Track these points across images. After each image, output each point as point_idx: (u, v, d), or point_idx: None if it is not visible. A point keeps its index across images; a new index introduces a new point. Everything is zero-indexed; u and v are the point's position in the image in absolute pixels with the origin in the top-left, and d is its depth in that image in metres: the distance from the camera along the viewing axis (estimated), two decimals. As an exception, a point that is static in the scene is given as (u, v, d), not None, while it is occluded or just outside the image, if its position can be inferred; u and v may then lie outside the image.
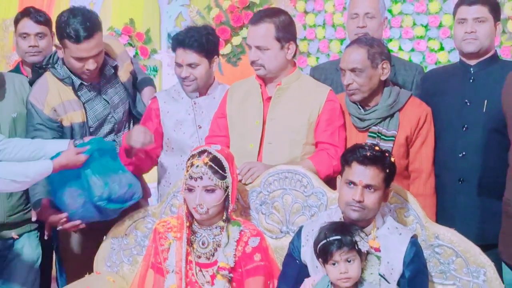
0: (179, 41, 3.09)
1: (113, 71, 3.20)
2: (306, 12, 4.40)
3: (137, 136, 2.89)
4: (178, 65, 3.12)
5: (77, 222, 2.84)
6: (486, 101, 2.88)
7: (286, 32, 2.86)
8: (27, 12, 3.34)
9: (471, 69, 2.96)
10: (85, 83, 3.11)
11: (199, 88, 3.14)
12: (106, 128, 3.18)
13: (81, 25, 2.92)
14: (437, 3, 4.10)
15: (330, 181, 2.73)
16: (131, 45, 4.60)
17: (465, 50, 2.96)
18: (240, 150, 2.87)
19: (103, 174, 2.78)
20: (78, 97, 3.10)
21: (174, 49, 3.16)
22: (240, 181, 2.75)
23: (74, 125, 3.08)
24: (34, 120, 3.02)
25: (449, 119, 2.95)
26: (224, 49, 4.32)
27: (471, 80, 2.95)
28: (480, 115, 2.90)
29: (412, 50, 4.19)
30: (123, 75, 3.26)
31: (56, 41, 3.09)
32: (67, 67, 3.08)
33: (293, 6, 4.34)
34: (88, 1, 4.79)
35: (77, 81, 3.09)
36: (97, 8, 4.73)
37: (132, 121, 3.32)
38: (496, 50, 3.05)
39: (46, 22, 3.35)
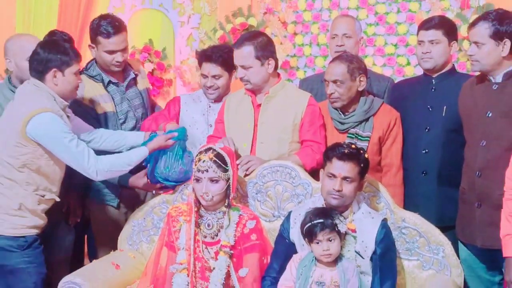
0: (207, 56, 3.14)
1: (133, 76, 3.24)
2: (295, 34, 4.38)
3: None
4: (204, 76, 3.16)
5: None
6: (445, 106, 2.87)
7: (264, 51, 2.84)
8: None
9: (433, 80, 2.95)
10: (113, 80, 3.15)
11: (220, 96, 3.16)
12: (130, 123, 3.20)
13: (110, 24, 3.04)
14: (405, 26, 4.09)
15: (315, 174, 2.71)
16: (150, 61, 4.58)
17: (422, 67, 2.97)
18: (236, 149, 2.86)
19: (171, 159, 2.79)
20: (108, 92, 3.14)
21: (200, 63, 3.19)
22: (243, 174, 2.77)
23: (107, 113, 3.12)
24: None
25: (414, 122, 2.94)
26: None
27: (433, 90, 2.94)
28: (440, 118, 2.89)
29: (384, 65, 4.17)
30: (141, 84, 3.29)
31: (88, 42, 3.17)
32: (98, 68, 3.14)
33: (284, 29, 4.33)
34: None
35: (106, 79, 3.15)
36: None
37: None
38: (453, 64, 3.04)
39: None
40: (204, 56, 3.16)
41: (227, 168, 2.48)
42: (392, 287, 2.36)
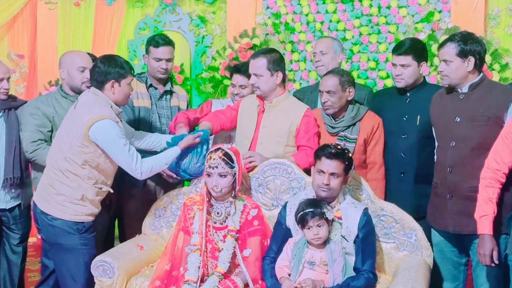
0: (237, 69, 3.26)
1: (169, 89, 3.30)
2: (292, 51, 4.38)
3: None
4: (233, 85, 3.26)
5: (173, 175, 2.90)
6: (419, 116, 2.85)
7: (275, 64, 2.86)
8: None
9: (408, 93, 2.94)
10: (153, 84, 3.25)
11: None
12: (162, 122, 3.25)
13: (161, 37, 3.23)
14: (384, 45, 4.07)
15: (308, 171, 2.71)
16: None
17: (396, 85, 2.95)
18: (240, 144, 2.91)
19: (193, 155, 2.79)
20: (149, 93, 3.23)
21: (232, 74, 3.30)
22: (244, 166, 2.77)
23: (141, 108, 3.18)
24: None
25: (391, 129, 2.92)
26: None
27: (407, 101, 2.92)
28: (415, 126, 2.86)
29: (367, 77, 4.17)
30: (174, 101, 3.33)
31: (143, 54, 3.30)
32: (147, 74, 3.27)
33: (283, 47, 4.33)
34: (140, 43, 4.76)
35: (149, 82, 3.25)
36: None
37: None
38: (424, 77, 3.01)
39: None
40: (235, 68, 3.30)
41: (233, 165, 2.49)
42: (372, 265, 2.37)
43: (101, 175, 2.64)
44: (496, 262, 2.30)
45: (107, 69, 2.60)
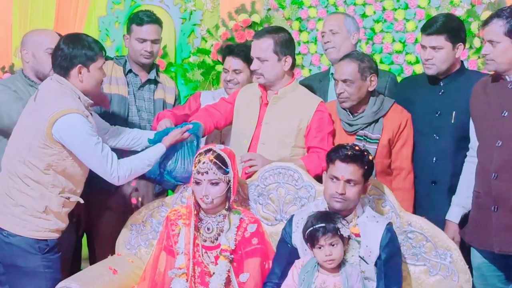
0: (230, 49, 3.29)
1: (153, 78, 3.30)
2: (300, 30, 4.38)
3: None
4: (225, 70, 3.28)
5: None
6: (454, 112, 2.85)
7: (284, 47, 2.87)
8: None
9: (441, 82, 2.93)
10: (134, 71, 3.27)
11: None
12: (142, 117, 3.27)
13: (146, 13, 3.22)
14: (413, 23, 4.07)
15: (319, 178, 2.72)
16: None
17: (426, 73, 2.95)
18: (236, 143, 2.93)
19: (179, 155, 2.79)
20: (127, 79, 3.24)
21: (224, 57, 3.31)
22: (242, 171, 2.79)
23: (114, 96, 3.20)
24: None
25: (421, 128, 2.93)
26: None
27: (440, 93, 2.92)
28: (449, 125, 2.87)
29: (392, 63, 4.16)
30: (159, 93, 3.35)
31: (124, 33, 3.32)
32: (127, 57, 3.29)
33: (289, 26, 4.33)
34: (113, 21, 4.78)
35: (128, 66, 3.27)
36: (121, 28, 4.74)
37: None
38: (462, 62, 3.01)
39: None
40: (227, 50, 3.31)
41: (227, 170, 2.49)
42: None
43: (68, 182, 2.64)
44: None
45: (71, 52, 2.59)
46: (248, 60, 3.12)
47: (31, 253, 2.60)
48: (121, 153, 2.79)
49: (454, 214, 2.78)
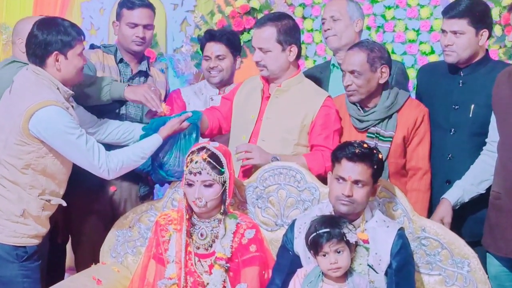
0: (211, 34, 3.36)
1: (144, 70, 3.32)
2: (304, 18, 4.39)
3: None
4: (206, 58, 3.34)
5: None
6: (473, 105, 2.85)
7: (288, 36, 2.87)
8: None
9: (461, 72, 2.93)
10: (125, 60, 3.27)
11: (223, 80, 3.32)
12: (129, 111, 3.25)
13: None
14: (428, 9, 4.09)
15: (324, 178, 2.72)
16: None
17: (446, 60, 2.95)
18: (235, 139, 2.95)
19: (176, 147, 2.80)
20: (118, 68, 3.25)
21: (204, 44, 3.38)
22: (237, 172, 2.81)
23: None
24: None
25: (437, 122, 2.93)
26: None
27: (460, 84, 2.92)
28: (467, 119, 2.87)
29: (405, 53, 4.18)
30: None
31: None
32: (117, 46, 3.29)
33: (291, 12, 4.33)
34: (98, 7, 4.79)
35: (120, 56, 3.27)
36: (106, 14, 4.75)
37: None
38: (487, 51, 2.98)
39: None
40: (208, 35, 3.37)
41: (222, 170, 2.49)
42: None
43: (49, 182, 2.64)
44: None
45: (46, 38, 2.60)
46: (230, 45, 3.26)
47: (8, 261, 2.60)
48: (110, 148, 2.78)
49: (451, 194, 2.78)
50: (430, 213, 2.89)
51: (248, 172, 2.86)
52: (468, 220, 2.88)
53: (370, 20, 4.24)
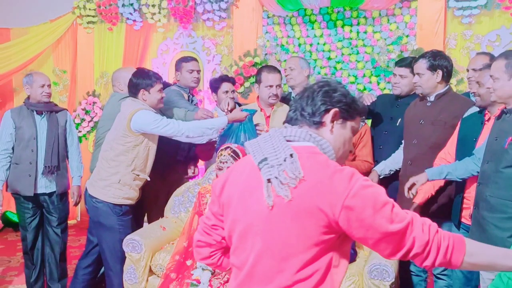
0: (223, 78, 3.24)
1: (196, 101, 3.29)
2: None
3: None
4: (225, 92, 3.17)
5: None
6: (399, 119, 2.75)
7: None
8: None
9: (398, 100, 2.86)
10: (189, 94, 3.17)
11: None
12: None
13: (189, 56, 3.27)
14: (362, 63, 4.05)
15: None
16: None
17: (393, 92, 2.90)
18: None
19: (230, 136, 2.69)
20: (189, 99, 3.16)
21: (220, 83, 3.19)
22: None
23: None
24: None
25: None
26: (240, 89, 4.32)
27: (397, 106, 2.84)
28: (399, 128, 2.73)
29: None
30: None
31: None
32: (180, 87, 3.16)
33: (279, 65, 4.30)
34: (161, 62, 4.77)
35: (187, 90, 3.16)
36: (167, 66, 4.72)
37: None
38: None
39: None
40: (222, 79, 3.23)
41: (240, 161, 2.46)
42: (353, 243, 2.30)
43: (139, 162, 2.59)
44: None
45: (137, 81, 2.60)
46: (234, 83, 3.23)
47: (110, 214, 2.58)
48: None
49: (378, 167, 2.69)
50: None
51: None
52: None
53: (326, 69, 4.23)
